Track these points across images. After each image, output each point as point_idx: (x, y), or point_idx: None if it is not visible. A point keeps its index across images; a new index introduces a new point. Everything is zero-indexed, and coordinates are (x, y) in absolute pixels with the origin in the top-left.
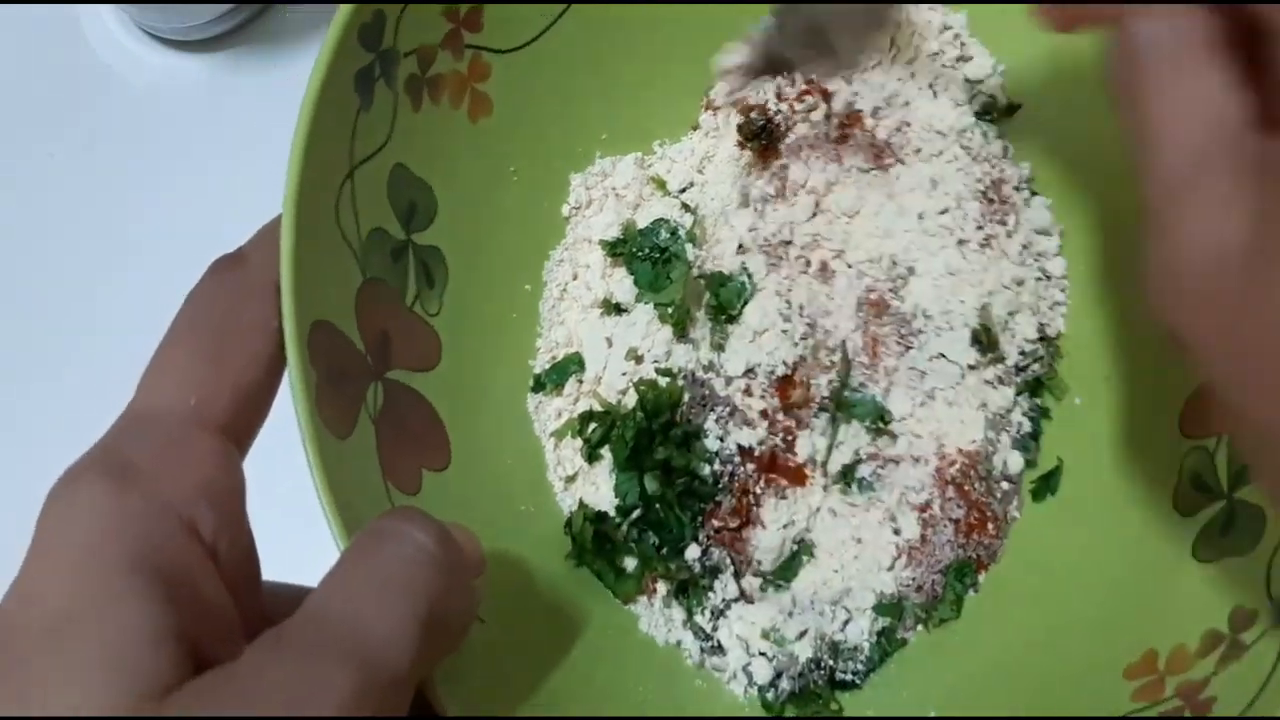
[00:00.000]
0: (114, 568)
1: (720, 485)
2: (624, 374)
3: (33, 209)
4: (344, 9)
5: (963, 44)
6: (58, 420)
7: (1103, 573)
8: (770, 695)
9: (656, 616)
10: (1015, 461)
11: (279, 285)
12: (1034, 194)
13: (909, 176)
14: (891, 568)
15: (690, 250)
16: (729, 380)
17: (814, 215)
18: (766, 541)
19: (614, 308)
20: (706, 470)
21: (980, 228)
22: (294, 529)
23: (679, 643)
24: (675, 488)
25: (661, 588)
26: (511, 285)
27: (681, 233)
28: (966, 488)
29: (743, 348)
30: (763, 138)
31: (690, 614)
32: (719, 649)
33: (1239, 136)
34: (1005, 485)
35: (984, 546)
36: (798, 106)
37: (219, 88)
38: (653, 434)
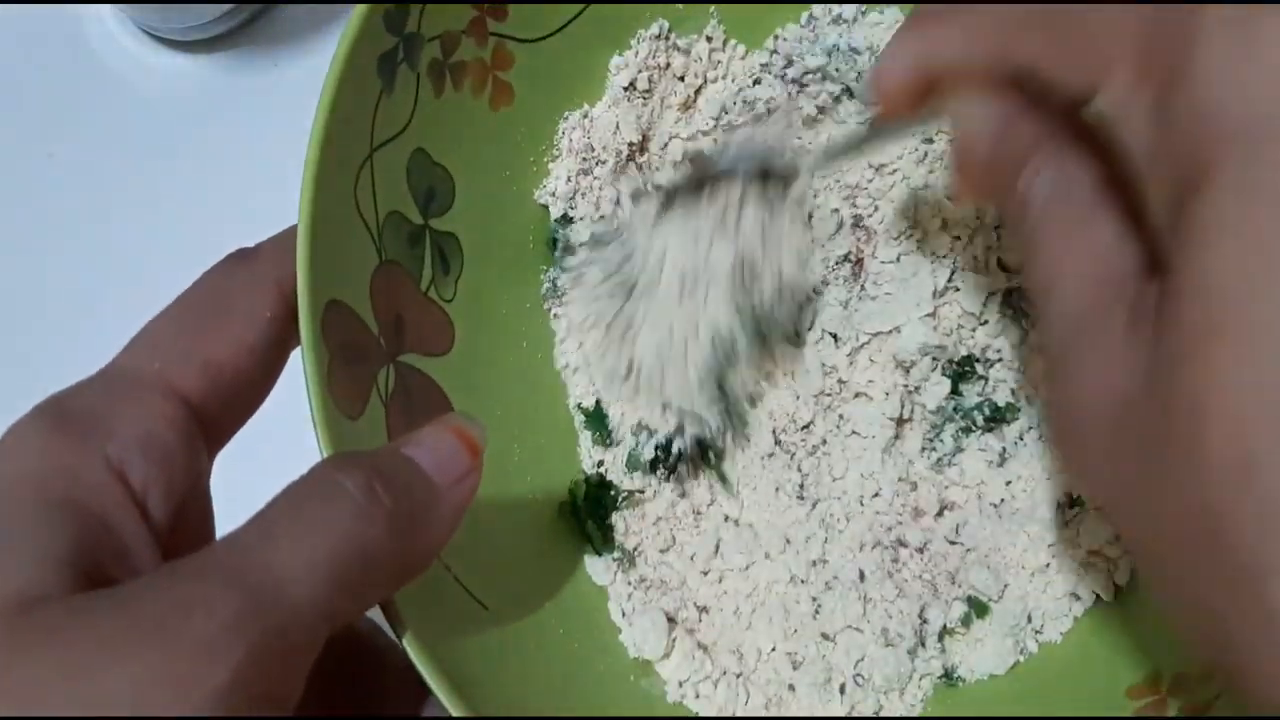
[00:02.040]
0: (22, 496)
1: None
2: None
3: (33, 209)
4: None
5: None
6: None
7: (1109, 594)
8: None
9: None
10: None
11: (282, 280)
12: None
13: None
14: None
15: None
16: None
17: None
18: None
19: None
20: None
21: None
22: None
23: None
24: None
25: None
26: (526, 274)
27: None
28: None
29: None
30: None
31: None
32: None
33: (1128, 286)
34: None
35: None
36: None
37: (219, 88)
38: None
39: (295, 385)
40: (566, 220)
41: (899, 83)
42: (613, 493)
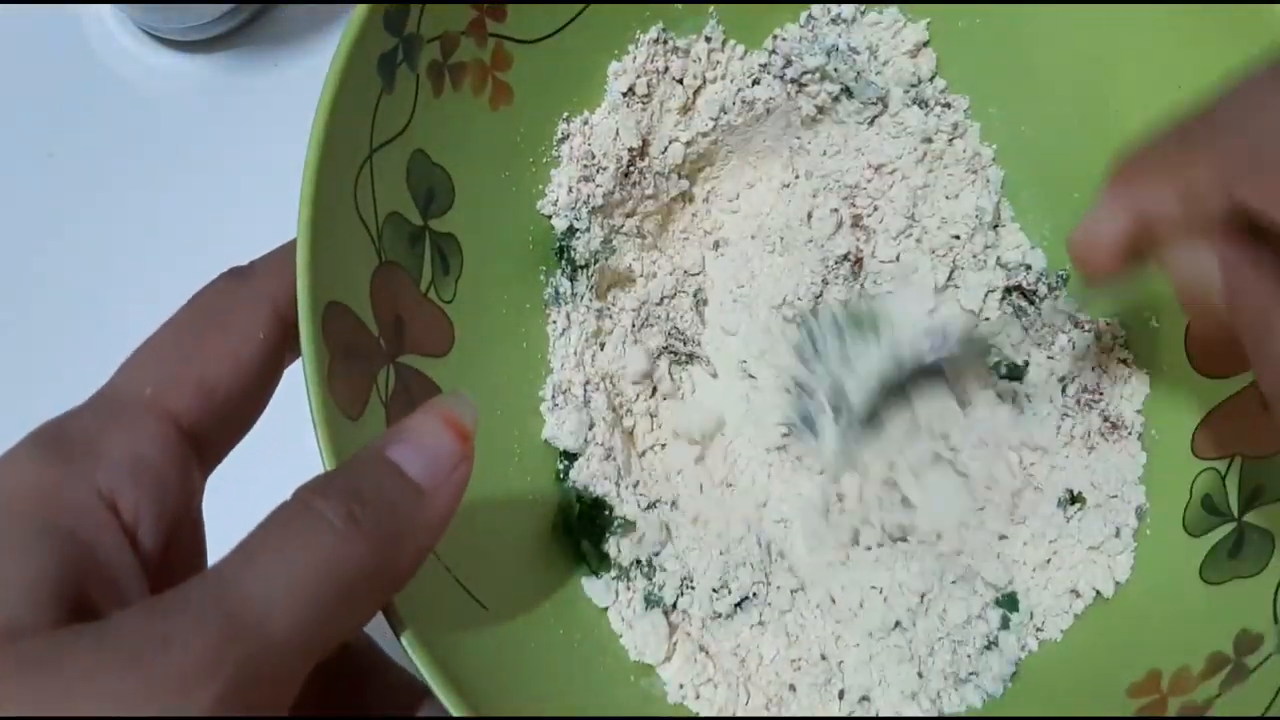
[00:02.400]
0: (11, 525)
1: None
2: None
3: (33, 209)
4: None
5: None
6: None
7: (1109, 590)
8: None
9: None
10: None
11: (276, 299)
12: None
13: None
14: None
15: None
16: None
17: None
18: None
19: None
20: None
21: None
22: None
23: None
24: None
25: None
26: (526, 275)
27: None
28: None
29: None
30: None
31: None
32: None
33: None
34: None
35: None
36: None
37: (219, 88)
38: None
39: (295, 386)
40: (572, 232)
41: (1108, 244)
42: (608, 512)
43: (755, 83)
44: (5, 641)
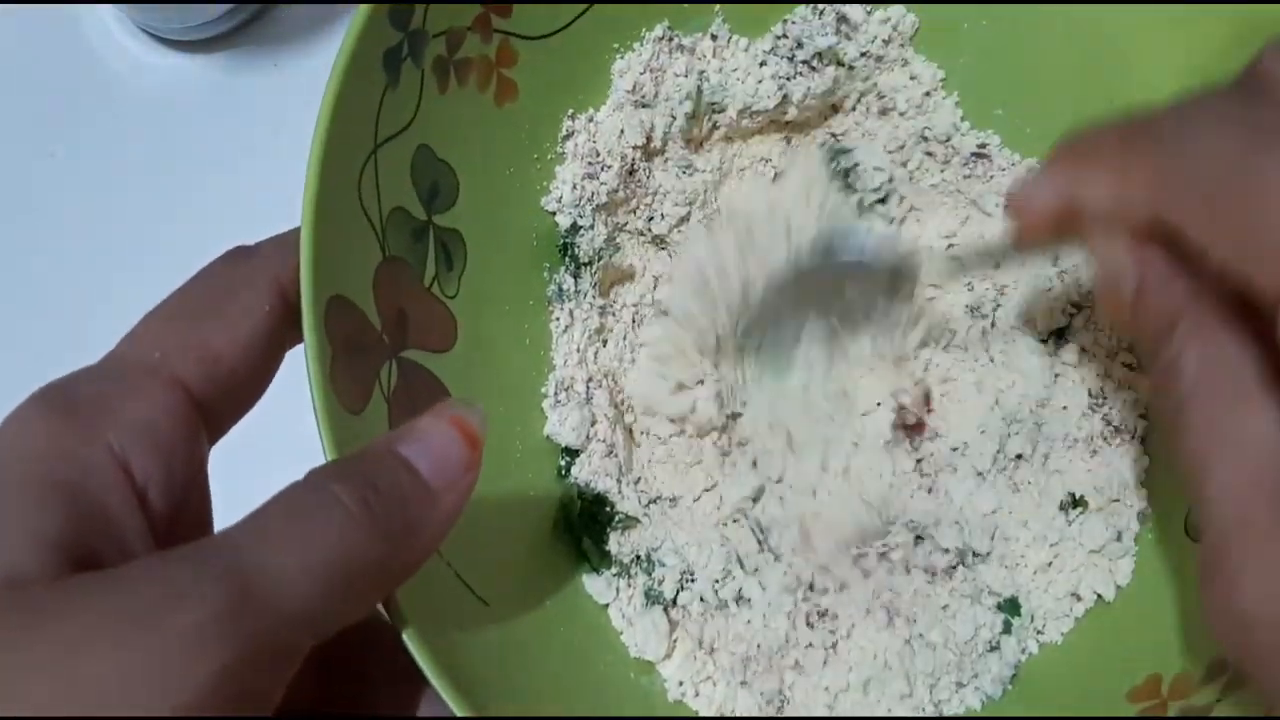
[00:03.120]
0: (22, 481)
1: None
2: None
3: (33, 209)
4: None
5: None
6: None
7: (1110, 594)
8: None
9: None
10: None
11: (280, 277)
12: None
13: None
14: None
15: None
16: None
17: None
18: None
19: None
20: None
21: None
22: None
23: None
24: None
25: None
26: (530, 272)
27: None
28: None
29: None
30: None
31: None
32: None
33: None
34: None
35: None
36: None
37: (219, 88)
38: None
39: (298, 380)
40: (575, 230)
41: (1039, 211)
42: (609, 509)
43: (762, 65)
44: (6, 590)
